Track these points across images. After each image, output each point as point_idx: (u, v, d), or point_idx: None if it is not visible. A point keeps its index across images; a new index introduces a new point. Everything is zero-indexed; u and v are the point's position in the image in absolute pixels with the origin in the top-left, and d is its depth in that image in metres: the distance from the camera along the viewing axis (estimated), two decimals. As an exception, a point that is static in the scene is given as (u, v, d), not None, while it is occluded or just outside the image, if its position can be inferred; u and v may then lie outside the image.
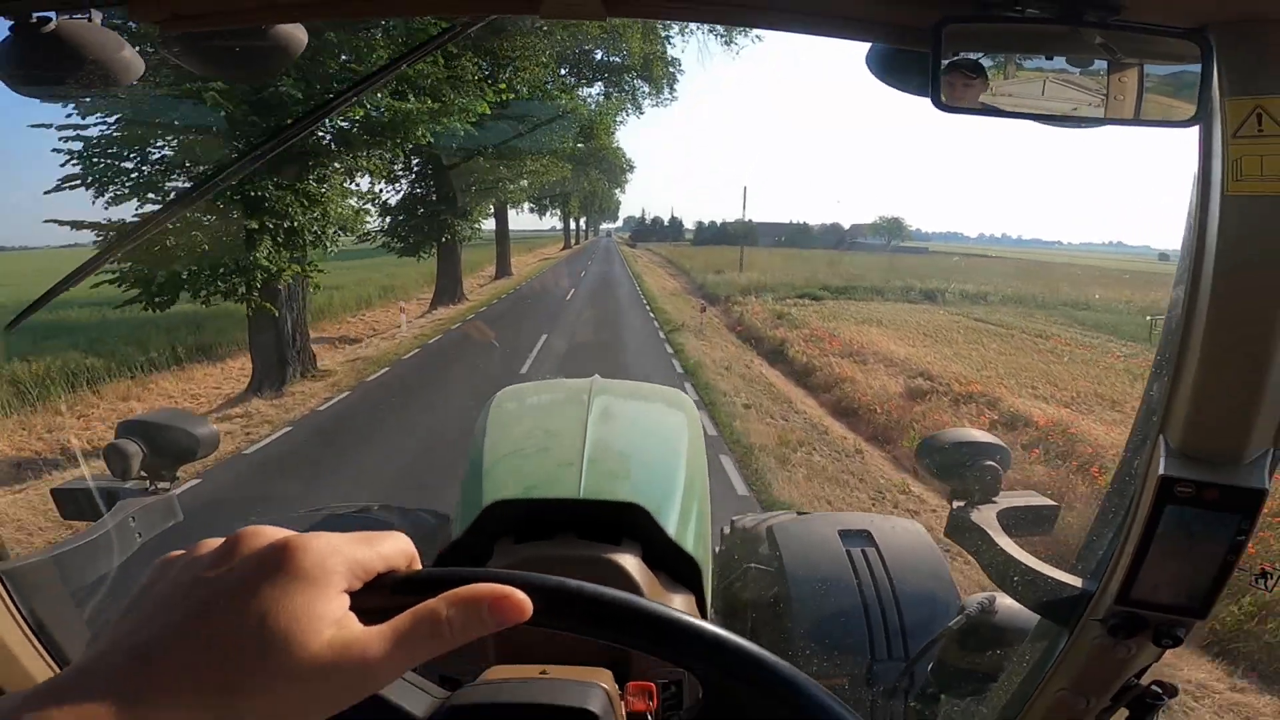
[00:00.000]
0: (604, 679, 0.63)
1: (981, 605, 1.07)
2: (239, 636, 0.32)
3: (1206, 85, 0.60)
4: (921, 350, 12.03)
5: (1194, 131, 0.63)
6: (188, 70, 0.77)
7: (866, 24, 0.70)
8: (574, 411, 1.36)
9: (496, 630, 0.36)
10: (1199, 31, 0.61)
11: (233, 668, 0.32)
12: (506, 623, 0.36)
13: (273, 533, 0.36)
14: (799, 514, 1.78)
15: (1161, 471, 0.63)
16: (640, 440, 1.39)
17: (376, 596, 0.37)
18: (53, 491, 1.02)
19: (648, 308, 18.12)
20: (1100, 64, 0.70)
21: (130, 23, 0.77)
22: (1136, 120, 0.67)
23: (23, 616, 0.79)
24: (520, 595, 0.36)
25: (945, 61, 0.69)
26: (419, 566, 0.39)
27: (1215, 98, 0.61)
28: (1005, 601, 1.08)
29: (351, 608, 0.35)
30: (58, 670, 0.81)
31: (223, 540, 0.37)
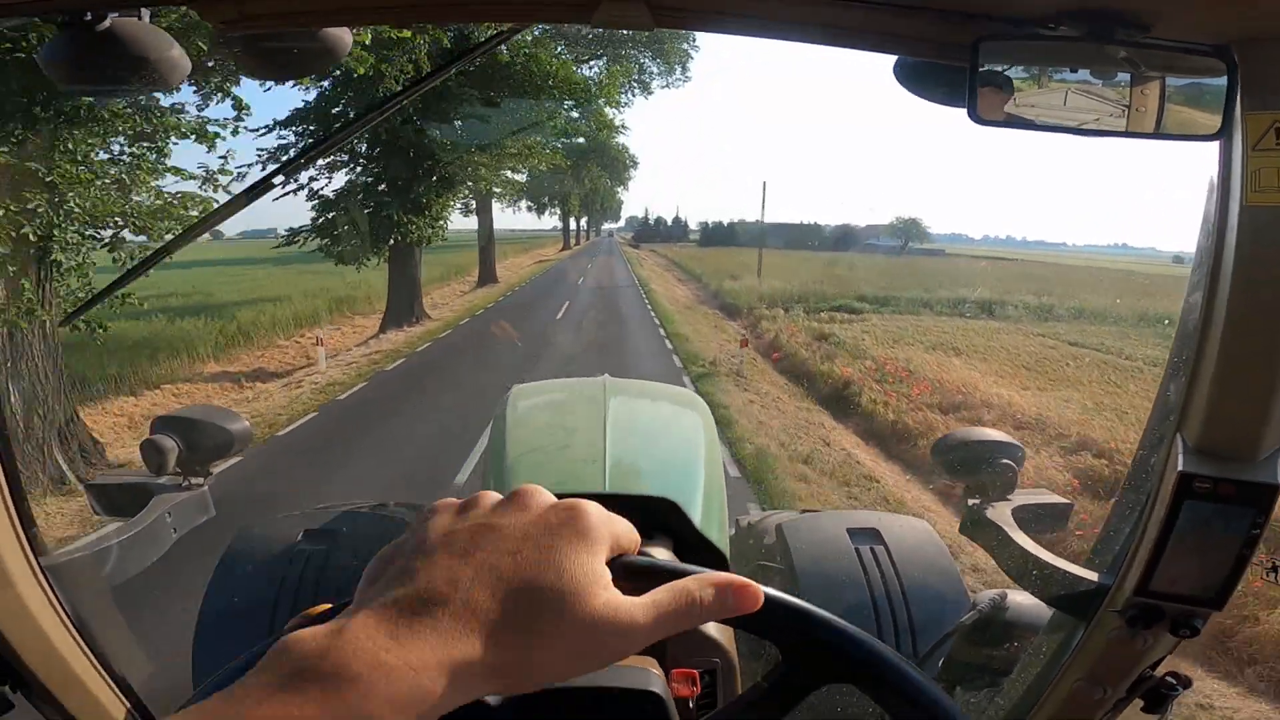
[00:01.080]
0: (652, 666, 0.65)
1: (993, 601, 1.10)
2: (540, 582, 0.35)
3: (1231, 100, 0.63)
4: (1041, 396, 8.46)
5: (1206, 142, 0.66)
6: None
7: (904, 39, 0.73)
8: (591, 409, 1.38)
9: (734, 615, 0.39)
10: (1223, 48, 0.64)
11: (534, 611, 0.34)
12: (743, 610, 0.39)
13: (546, 493, 0.40)
14: (805, 511, 1.81)
15: (1180, 468, 0.66)
16: (659, 437, 1.42)
17: (617, 575, 0.39)
18: (87, 486, 1.03)
19: (662, 332, 13.30)
20: (1123, 76, 0.73)
21: (177, 23, 0.79)
22: (1158, 134, 0.70)
23: (64, 609, 0.80)
24: (755, 586, 0.40)
25: (982, 71, 0.72)
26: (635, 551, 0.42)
27: (1236, 111, 0.64)
28: (1016, 598, 1.11)
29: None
30: (98, 665, 0.82)
31: (500, 496, 0.40)
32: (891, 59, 0.80)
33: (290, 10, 0.71)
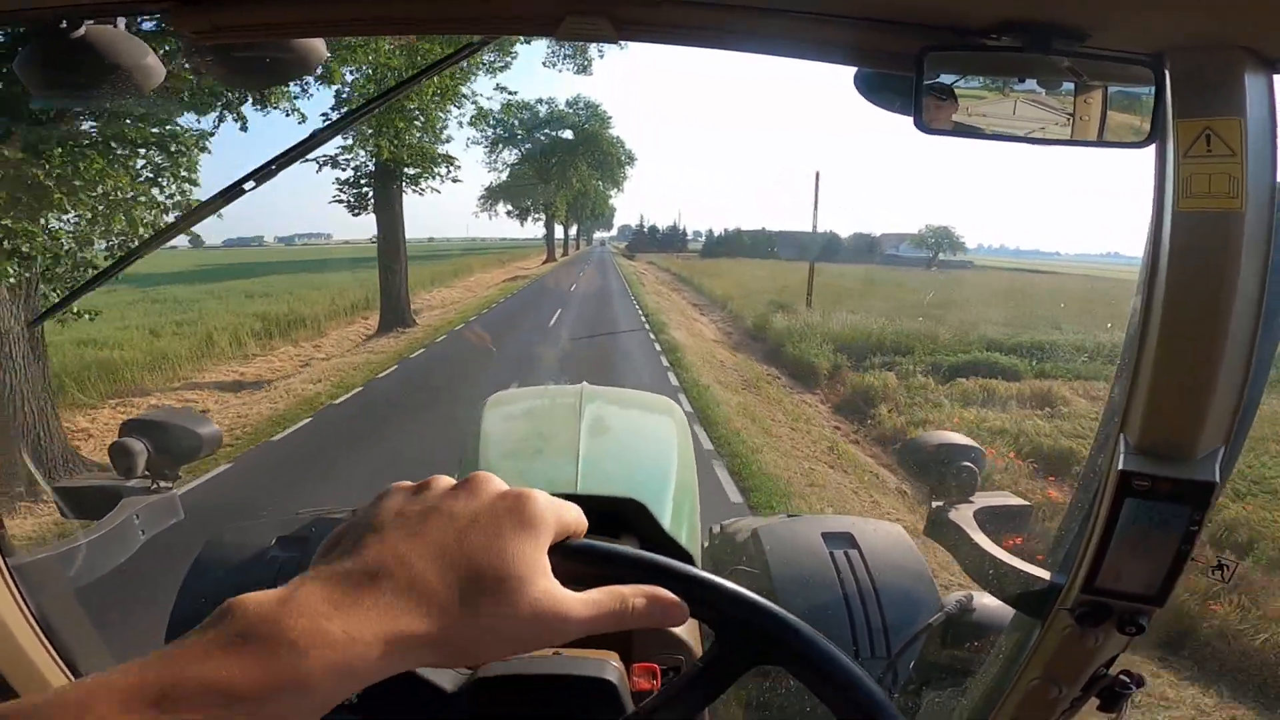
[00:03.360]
0: (612, 658, 0.66)
1: (960, 602, 1.12)
2: (482, 566, 0.36)
3: (1160, 108, 0.65)
4: None
5: (1139, 149, 0.68)
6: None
7: (854, 50, 0.75)
8: (567, 415, 1.40)
9: (660, 626, 0.41)
10: (1157, 56, 0.67)
11: (474, 592, 0.35)
12: (668, 624, 0.42)
13: (498, 480, 0.41)
14: (786, 516, 1.82)
15: (1120, 467, 0.68)
16: (633, 441, 1.43)
17: (562, 558, 0.41)
18: (55, 489, 1.04)
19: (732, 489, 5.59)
20: (1068, 85, 0.76)
21: (153, 31, 0.80)
22: (1099, 142, 0.73)
23: (30, 611, 0.81)
24: (682, 605, 0.42)
25: (927, 82, 0.75)
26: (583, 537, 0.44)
27: (1169, 119, 0.67)
28: (983, 599, 1.12)
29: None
30: (64, 666, 0.82)
31: (456, 480, 0.42)
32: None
33: (262, 22, 0.73)
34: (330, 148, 13.07)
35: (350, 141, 12.93)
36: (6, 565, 0.78)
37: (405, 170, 13.41)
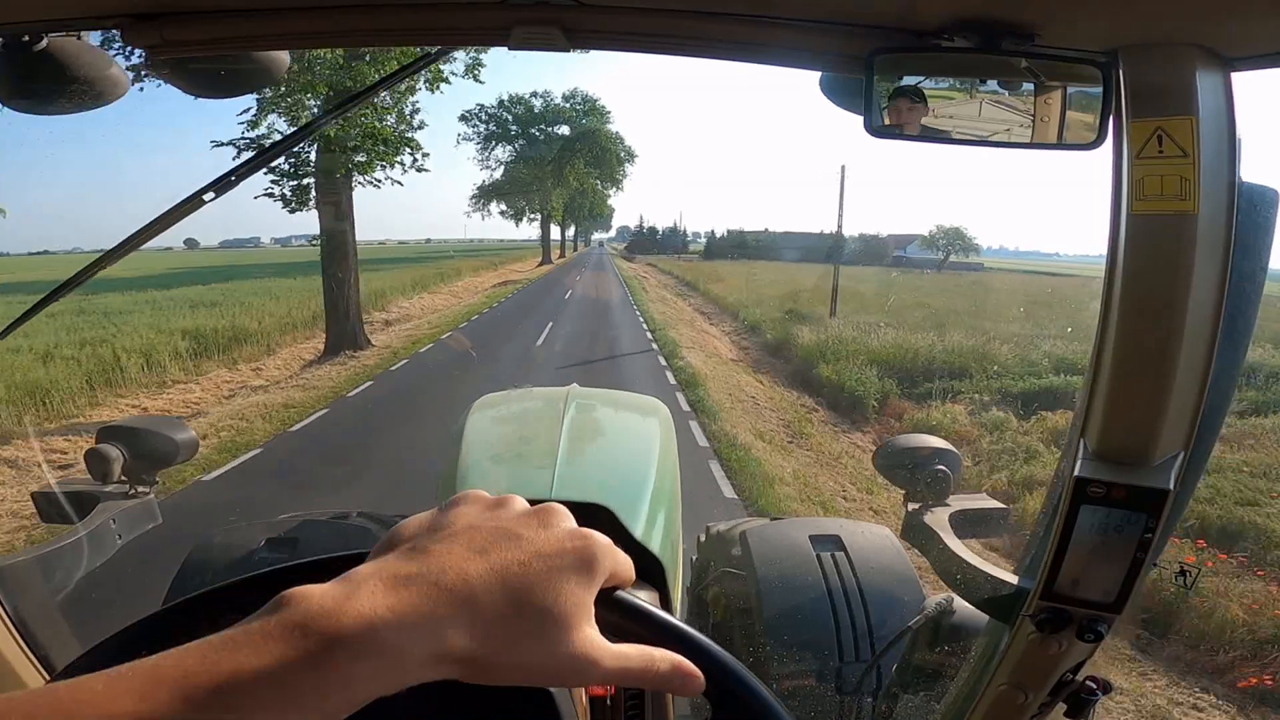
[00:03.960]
0: None
1: (940, 606, 1.11)
2: (536, 599, 0.37)
3: (1108, 108, 0.64)
4: None
5: (1088, 151, 0.67)
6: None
7: (811, 54, 0.75)
8: (550, 418, 1.40)
9: (677, 693, 0.43)
10: (1110, 55, 0.65)
11: (524, 620, 0.36)
12: (684, 693, 0.43)
13: (570, 516, 0.43)
14: (773, 519, 1.81)
15: (1076, 473, 0.67)
16: (613, 445, 1.44)
17: (603, 606, 0.42)
18: (33, 495, 1.06)
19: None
20: (1028, 86, 0.75)
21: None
22: (1058, 144, 0.72)
23: (6, 613, 0.82)
24: (699, 676, 0.42)
25: (892, 87, 0.74)
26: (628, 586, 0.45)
27: (1124, 120, 0.65)
28: (963, 603, 1.11)
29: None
30: (39, 666, 0.84)
31: (529, 505, 0.43)
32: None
33: (213, 37, 0.74)
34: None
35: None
36: (-15, 570, 0.80)
37: (353, 156, 10.85)
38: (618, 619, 0.43)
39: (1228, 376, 0.69)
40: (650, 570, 1.04)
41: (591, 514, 1.01)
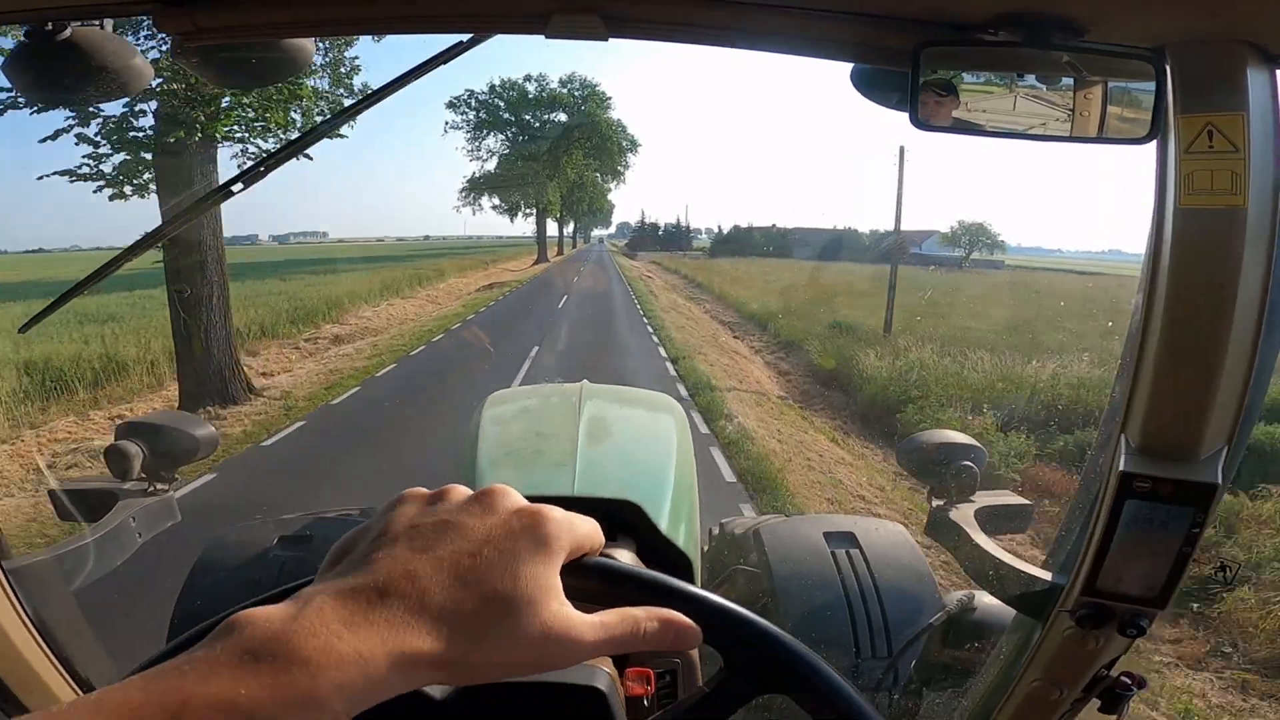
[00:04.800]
0: (604, 664, 0.65)
1: (961, 602, 1.11)
2: (494, 586, 0.35)
3: (1161, 103, 0.64)
4: None
5: (1140, 145, 0.67)
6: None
7: (850, 46, 0.74)
8: (566, 414, 1.40)
9: (672, 649, 0.41)
10: (1157, 51, 0.66)
11: (485, 613, 0.34)
12: (681, 647, 0.41)
13: (515, 494, 0.40)
14: (786, 516, 1.82)
15: (1121, 468, 0.67)
16: (632, 441, 1.43)
17: (575, 576, 0.40)
18: (51, 493, 1.04)
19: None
20: (1068, 81, 0.75)
21: (142, 32, 0.80)
22: (1100, 138, 0.72)
23: (26, 614, 0.81)
24: (694, 627, 0.41)
25: (923, 81, 0.74)
26: (598, 552, 0.43)
27: (1170, 115, 0.65)
28: (984, 599, 1.12)
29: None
30: (60, 668, 0.83)
31: (471, 492, 0.40)
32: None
33: (245, 22, 0.73)
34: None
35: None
36: (2, 568, 0.78)
37: (204, 109, 7.08)
38: (594, 586, 0.42)
39: (1267, 370, 0.69)
40: (679, 566, 1.04)
41: (619, 510, 1.01)
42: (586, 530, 0.42)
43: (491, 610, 0.35)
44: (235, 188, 0.78)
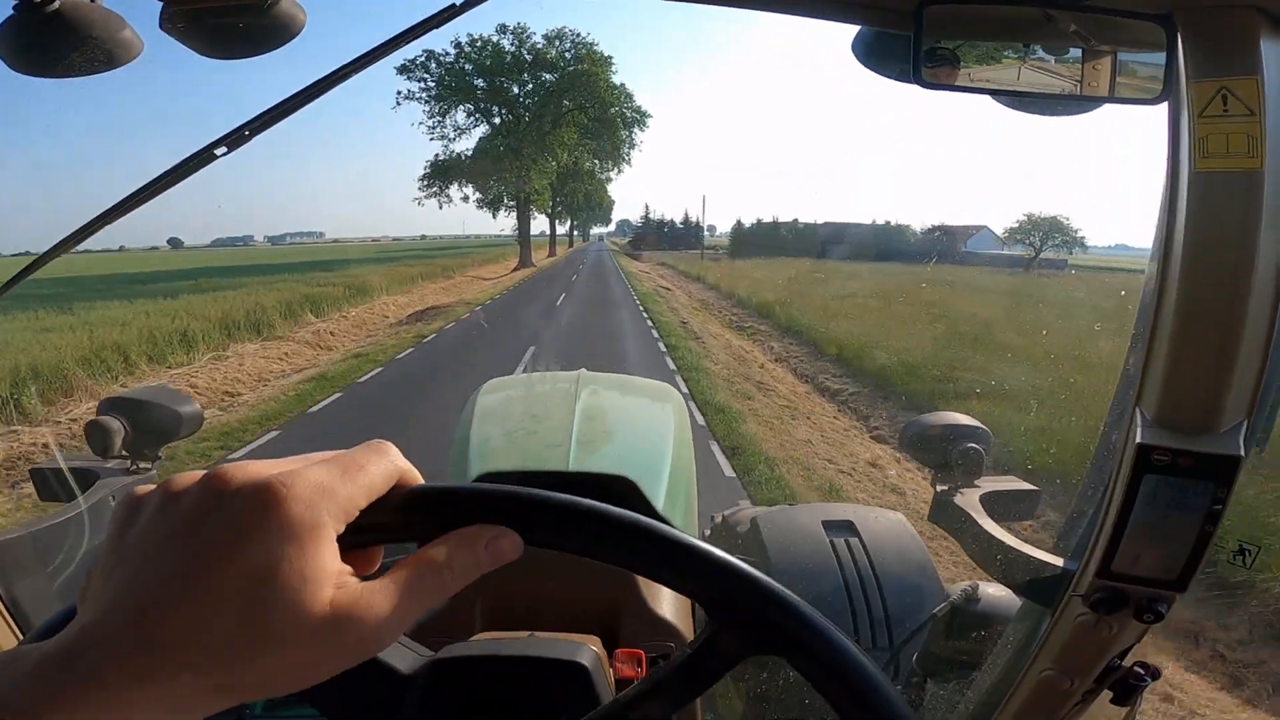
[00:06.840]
0: (592, 643, 0.63)
1: (965, 592, 1.08)
2: (240, 595, 0.29)
3: (1172, 67, 0.62)
4: None
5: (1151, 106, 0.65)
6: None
7: (851, 6, 0.72)
8: (562, 398, 1.38)
9: (495, 567, 0.35)
10: (1165, 16, 0.64)
11: (236, 630, 0.29)
12: (504, 560, 0.35)
13: (253, 471, 0.32)
14: (787, 505, 1.79)
15: (1139, 440, 0.65)
16: (628, 423, 1.41)
17: (368, 532, 0.34)
18: (31, 471, 1.01)
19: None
20: (1075, 52, 0.73)
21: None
22: (1110, 98, 0.70)
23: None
24: (514, 535, 0.35)
25: (926, 49, 0.72)
26: (414, 480, 0.37)
27: (1182, 79, 0.64)
28: (988, 588, 1.09)
29: (343, 547, 0.32)
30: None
31: (198, 478, 0.32)
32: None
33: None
34: None
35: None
36: (-23, 548, 0.75)
37: None
38: (387, 533, 0.35)
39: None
40: None
41: (611, 485, 0.98)
42: (368, 481, 0.34)
43: (243, 625, 0.29)
44: (219, 150, 0.76)
